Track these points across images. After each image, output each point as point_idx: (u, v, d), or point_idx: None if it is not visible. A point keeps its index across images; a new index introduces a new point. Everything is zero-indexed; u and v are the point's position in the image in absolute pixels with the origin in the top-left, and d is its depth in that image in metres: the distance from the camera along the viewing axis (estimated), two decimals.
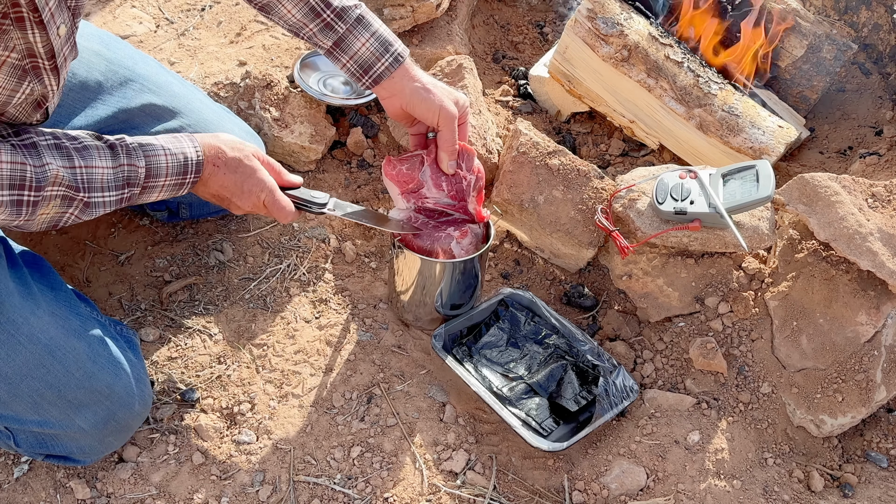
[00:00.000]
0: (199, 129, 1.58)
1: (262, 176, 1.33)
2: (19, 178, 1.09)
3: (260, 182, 1.32)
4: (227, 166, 1.31)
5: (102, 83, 1.49)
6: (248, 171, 1.32)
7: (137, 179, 1.22)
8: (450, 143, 1.45)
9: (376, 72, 1.42)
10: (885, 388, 1.47)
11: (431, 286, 1.56)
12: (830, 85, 2.14)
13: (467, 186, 1.50)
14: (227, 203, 1.35)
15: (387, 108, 1.49)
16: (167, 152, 1.26)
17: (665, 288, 1.62)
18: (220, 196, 1.34)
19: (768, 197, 1.50)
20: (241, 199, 1.33)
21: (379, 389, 1.55)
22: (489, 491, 1.42)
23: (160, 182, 1.25)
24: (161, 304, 1.66)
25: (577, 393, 1.52)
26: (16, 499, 1.37)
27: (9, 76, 1.09)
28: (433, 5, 2.01)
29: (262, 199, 1.33)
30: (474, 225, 1.56)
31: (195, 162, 1.28)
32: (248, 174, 1.32)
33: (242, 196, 1.33)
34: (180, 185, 1.28)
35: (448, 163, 1.47)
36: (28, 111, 1.19)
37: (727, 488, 1.41)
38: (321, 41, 1.43)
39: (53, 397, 1.25)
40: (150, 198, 1.27)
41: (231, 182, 1.31)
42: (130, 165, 1.21)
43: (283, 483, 1.41)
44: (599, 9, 1.93)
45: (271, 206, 1.34)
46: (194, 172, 1.28)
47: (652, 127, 1.96)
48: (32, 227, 1.16)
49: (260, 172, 1.33)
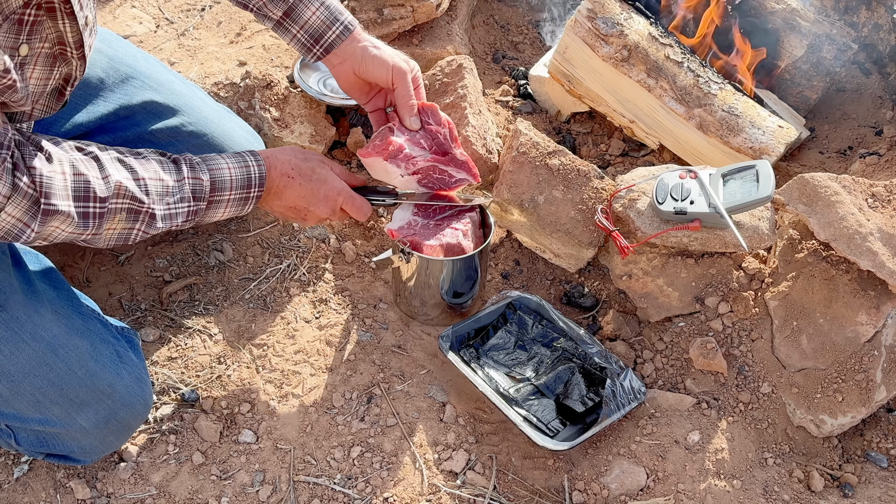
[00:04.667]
0: (200, 127, 1.58)
1: (337, 182, 1.36)
2: (83, 189, 1.10)
3: (336, 187, 1.35)
4: (302, 176, 1.33)
5: (104, 80, 1.49)
6: (321, 177, 1.34)
7: (203, 193, 1.24)
8: (407, 97, 1.42)
9: (327, 40, 1.41)
10: (885, 388, 1.47)
11: (436, 282, 1.58)
12: (830, 85, 2.14)
13: (445, 138, 1.47)
14: (303, 213, 1.37)
15: (339, 78, 1.46)
16: (230, 165, 1.28)
17: (665, 288, 1.62)
18: (297, 207, 1.35)
19: (768, 197, 1.50)
20: (318, 206, 1.35)
21: (379, 389, 1.55)
22: (489, 491, 1.42)
23: (225, 196, 1.27)
24: (161, 304, 1.66)
25: (584, 394, 1.52)
26: (16, 499, 1.37)
27: (44, 66, 1.12)
28: (433, 5, 2.01)
29: (340, 203, 1.36)
30: (472, 213, 1.59)
31: (258, 175, 1.29)
32: (323, 180, 1.34)
33: (320, 204, 1.35)
34: (245, 200, 1.30)
35: (410, 119, 1.44)
36: (53, 102, 1.21)
37: (727, 488, 1.41)
38: (271, 11, 1.40)
39: (55, 395, 1.25)
40: (217, 214, 1.28)
41: (308, 191, 1.33)
42: (195, 178, 1.23)
43: (283, 483, 1.41)
44: (599, 9, 1.93)
45: (350, 209, 1.38)
46: (258, 186, 1.29)
47: (652, 127, 1.96)
48: (100, 243, 1.18)
49: (334, 178, 1.36)
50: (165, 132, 1.55)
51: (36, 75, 1.12)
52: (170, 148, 1.56)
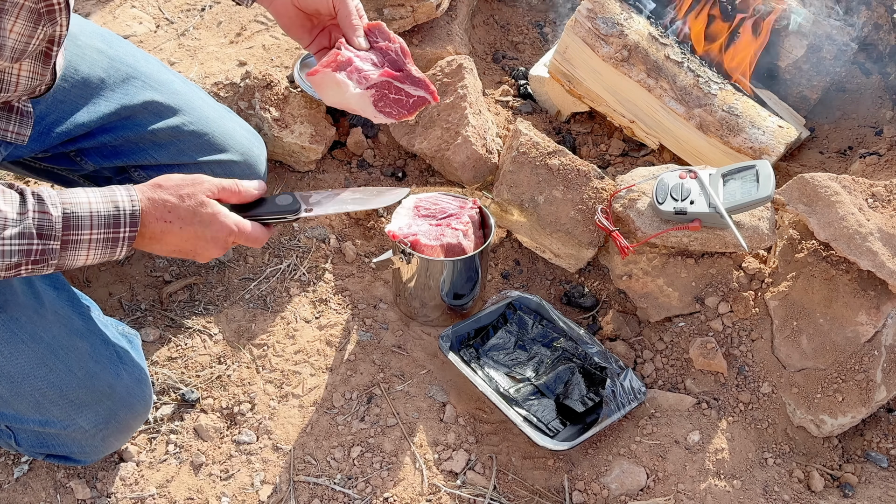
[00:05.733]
0: (201, 127, 1.58)
1: (225, 218, 1.19)
2: None
3: (224, 227, 1.19)
4: (181, 220, 1.16)
5: (105, 80, 1.49)
6: (204, 218, 1.17)
7: (52, 230, 1.06)
8: (351, 16, 1.33)
9: None
10: (885, 388, 1.47)
11: (436, 283, 1.57)
12: (830, 85, 2.14)
13: (397, 54, 1.37)
14: (191, 255, 1.22)
15: (279, 14, 1.38)
16: (91, 200, 1.09)
17: (665, 288, 1.62)
18: (183, 251, 1.20)
19: (768, 197, 1.50)
20: (206, 248, 1.20)
21: (379, 389, 1.55)
22: (489, 491, 1.42)
23: (85, 235, 1.09)
24: (161, 305, 1.66)
25: (584, 394, 1.52)
26: (16, 499, 1.37)
27: (27, 21, 1.06)
28: (433, 5, 2.01)
29: (231, 241, 1.21)
30: (472, 214, 1.59)
31: (128, 212, 1.11)
32: (207, 222, 1.18)
33: (208, 245, 1.20)
34: (115, 242, 1.11)
35: (357, 38, 1.34)
36: (40, 67, 1.16)
37: (727, 488, 1.41)
38: None
39: (55, 396, 1.25)
40: (80, 257, 1.10)
41: (190, 235, 1.17)
42: (41, 213, 1.05)
43: (283, 483, 1.41)
44: (599, 9, 1.93)
45: (243, 242, 1.23)
46: (129, 226, 1.11)
47: (652, 127, 1.96)
48: None
49: (221, 215, 1.19)
50: (166, 132, 1.55)
51: (17, 30, 1.05)
52: (171, 148, 1.56)
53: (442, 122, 1.87)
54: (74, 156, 1.54)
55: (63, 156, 1.53)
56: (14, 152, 1.41)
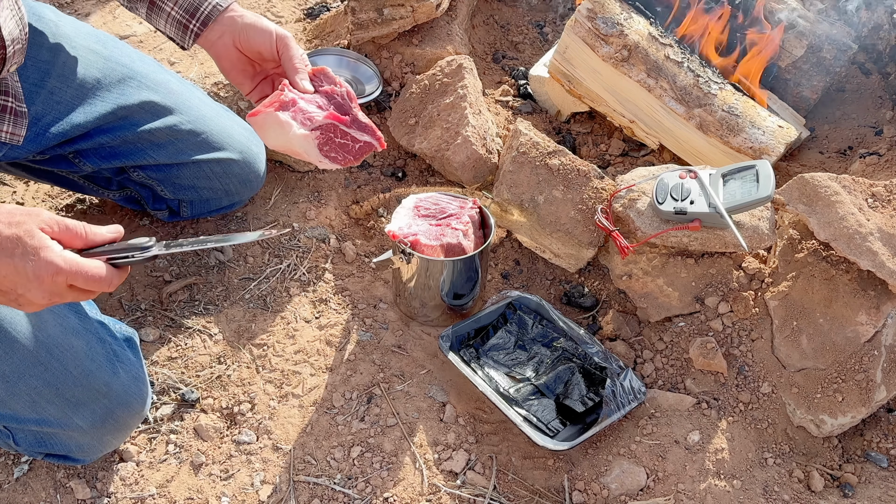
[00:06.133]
0: (198, 125, 1.58)
1: (52, 255, 0.97)
2: None
3: (49, 263, 0.97)
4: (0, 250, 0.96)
5: (101, 80, 1.49)
6: (29, 250, 0.96)
7: None
8: (295, 59, 1.31)
9: (203, 12, 1.32)
10: (885, 388, 1.47)
11: (436, 283, 1.58)
12: (830, 85, 2.14)
13: (343, 98, 1.33)
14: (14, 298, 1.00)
15: (220, 57, 1.36)
16: None
17: (665, 288, 1.62)
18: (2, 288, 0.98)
19: (768, 197, 1.50)
20: (28, 289, 0.98)
21: (379, 389, 1.55)
22: (489, 491, 1.42)
23: None
24: (161, 304, 1.66)
25: (584, 394, 1.52)
26: (16, 499, 1.37)
27: None
28: (433, 5, 2.01)
29: (62, 281, 0.98)
30: (473, 214, 1.59)
31: None
32: (31, 255, 0.96)
33: (30, 285, 0.97)
34: None
35: (302, 81, 1.30)
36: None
37: (727, 488, 1.41)
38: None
39: (51, 395, 1.25)
40: None
41: (10, 269, 0.96)
42: None
43: (283, 483, 1.41)
44: (599, 9, 1.93)
45: (82, 283, 1.00)
46: None
47: (652, 127, 1.96)
48: None
49: (47, 251, 0.97)
50: (164, 131, 1.55)
51: None
52: (169, 147, 1.56)
53: (442, 122, 1.87)
54: (72, 157, 1.54)
55: (61, 157, 1.54)
56: (10, 153, 1.41)
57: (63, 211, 1.81)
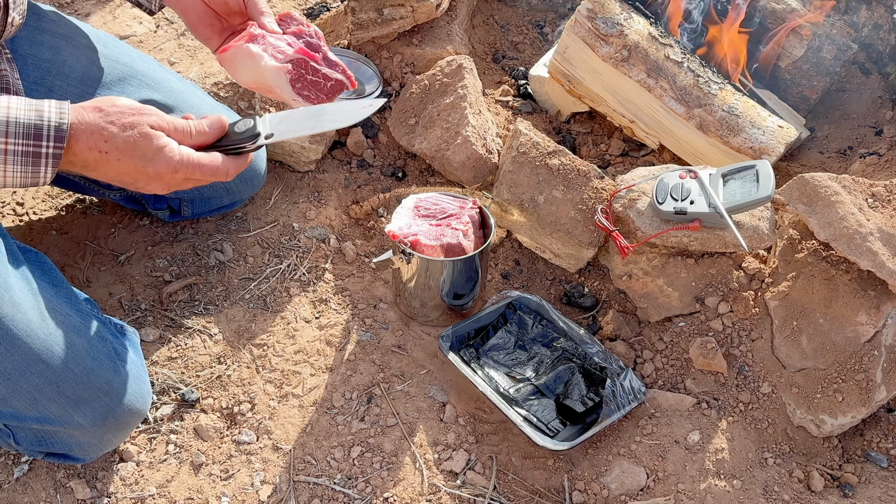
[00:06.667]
0: None
1: (170, 154, 1.06)
2: None
3: (170, 163, 1.06)
4: (118, 150, 1.03)
5: (101, 79, 1.50)
6: (147, 152, 1.04)
7: None
8: (261, 3, 1.29)
9: None
10: (885, 388, 1.47)
11: (436, 283, 1.58)
12: (830, 85, 2.14)
13: (311, 37, 1.31)
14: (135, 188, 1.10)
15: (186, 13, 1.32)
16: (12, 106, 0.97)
17: (665, 288, 1.62)
18: (123, 182, 1.08)
19: (768, 197, 1.50)
20: (150, 184, 1.08)
21: (379, 389, 1.55)
22: (489, 491, 1.42)
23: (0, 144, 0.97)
24: (161, 304, 1.66)
25: (584, 394, 1.52)
26: (16, 499, 1.37)
27: None
28: (433, 5, 2.01)
29: (180, 178, 1.08)
30: (473, 213, 1.59)
31: (54, 125, 0.99)
32: (150, 156, 1.05)
33: (151, 181, 1.07)
34: (36, 157, 0.99)
35: (269, 22, 1.29)
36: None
37: (727, 488, 1.41)
38: None
39: (52, 393, 1.25)
40: None
41: (131, 169, 1.05)
42: None
43: (283, 483, 1.41)
44: (599, 9, 1.93)
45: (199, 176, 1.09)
46: (54, 141, 0.99)
47: (652, 127, 1.96)
48: None
49: (165, 150, 1.06)
50: None
51: None
52: None
53: (442, 122, 1.87)
54: None
55: None
56: None
57: (63, 211, 1.82)
